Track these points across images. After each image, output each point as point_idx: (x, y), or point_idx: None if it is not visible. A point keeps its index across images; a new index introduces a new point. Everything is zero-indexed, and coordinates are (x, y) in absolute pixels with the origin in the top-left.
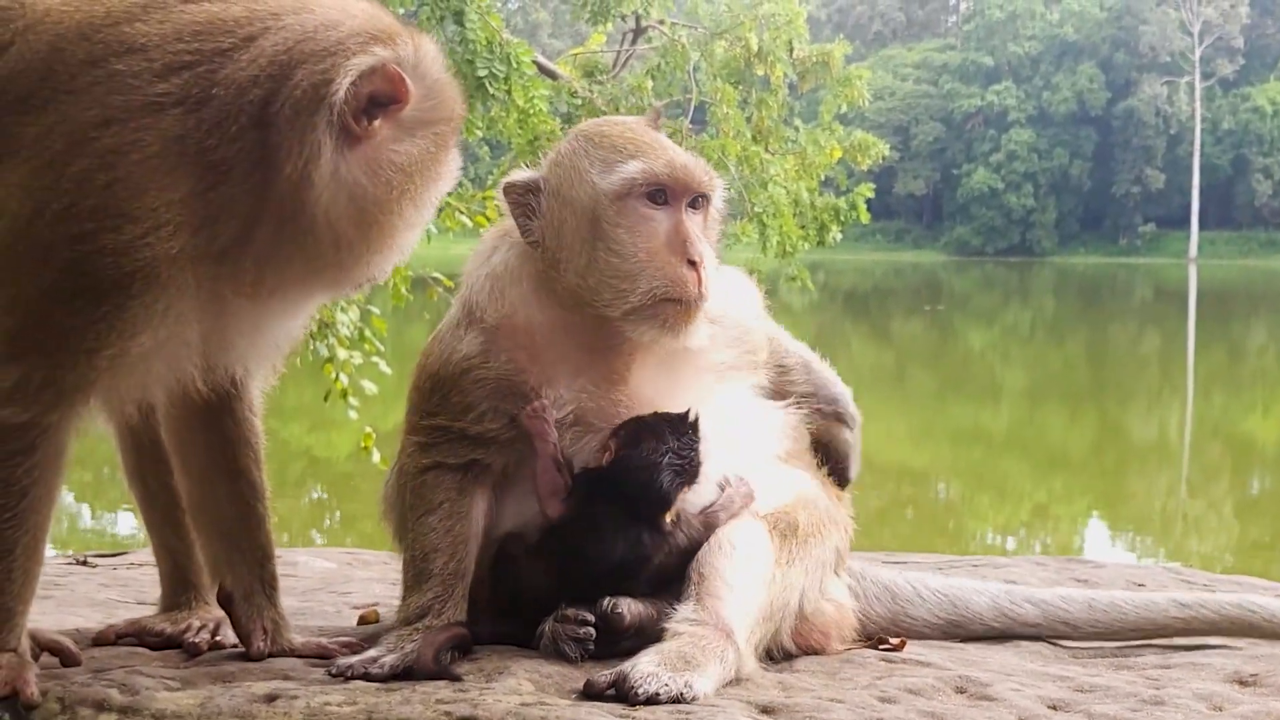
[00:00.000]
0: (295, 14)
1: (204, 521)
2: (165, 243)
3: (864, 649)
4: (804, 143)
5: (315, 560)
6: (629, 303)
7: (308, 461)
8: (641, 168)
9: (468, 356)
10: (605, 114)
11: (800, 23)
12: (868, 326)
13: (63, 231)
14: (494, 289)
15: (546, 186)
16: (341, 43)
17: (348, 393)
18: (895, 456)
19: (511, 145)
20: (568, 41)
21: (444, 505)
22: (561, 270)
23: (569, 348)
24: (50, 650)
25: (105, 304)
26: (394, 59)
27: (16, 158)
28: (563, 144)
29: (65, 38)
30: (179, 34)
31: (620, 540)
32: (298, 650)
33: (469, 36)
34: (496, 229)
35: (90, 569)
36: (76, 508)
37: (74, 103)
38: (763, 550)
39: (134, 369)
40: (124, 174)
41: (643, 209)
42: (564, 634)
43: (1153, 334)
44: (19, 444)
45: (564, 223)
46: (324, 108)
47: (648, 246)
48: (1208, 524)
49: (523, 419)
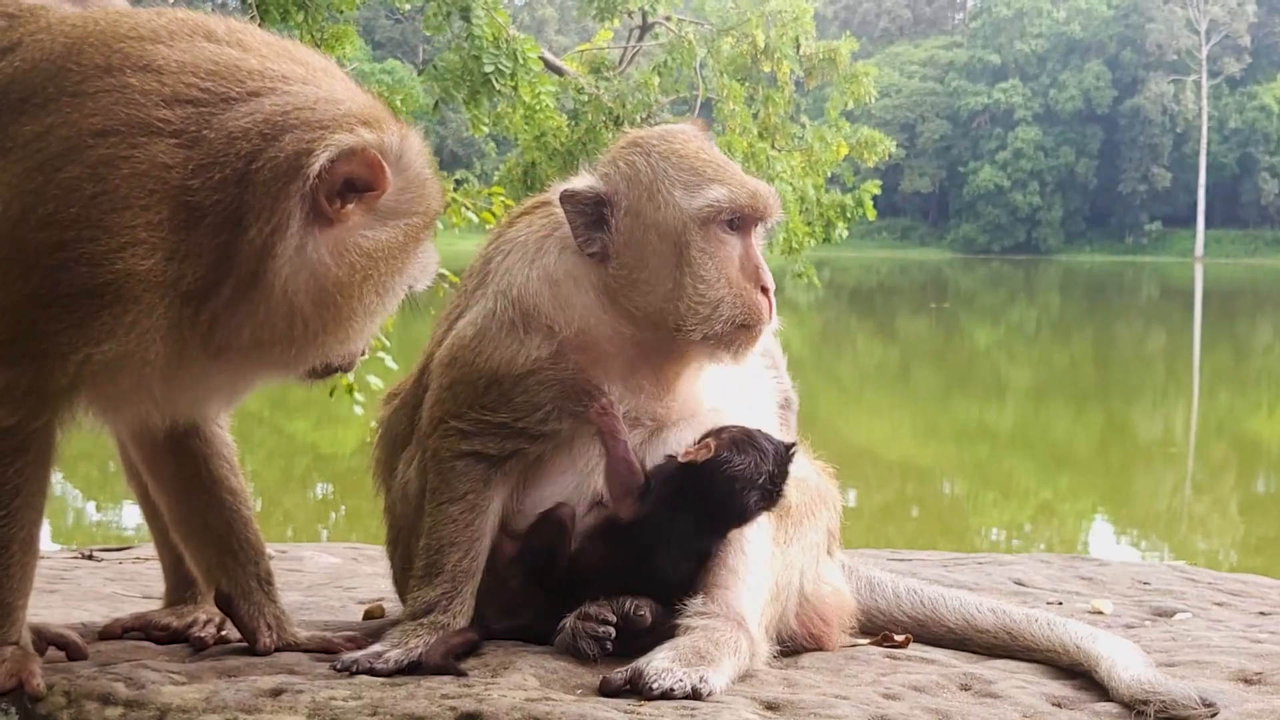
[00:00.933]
0: (302, 83)
1: (190, 533)
2: (137, 261)
3: (868, 645)
4: (810, 139)
5: (320, 555)
6: (712, 329)
7: (313, 457)
8: (728, 194)
9: (536, 360)
10: (612, 110)
11: (807, 19)
12: (873, 324)
13: (45, 237)
14: (556, 296)
15: (620, 203)
16: (334, 119)
17: (353, 388)
18: (900, 454)
19: (518, 141)
20: (574, 38)
21: (468, 496)
22: (641, 291)
23: (630, 355)
24: (56, 644)
25: (78, 310)
26: (377, 145)
27: (9, 157)
28: (629, 157)
29: (85, 41)
30: (195, 67)
31: (689, 547)
32: (303, 645)
33: (475, 32)
34: (532, 226)
35: (96, 563)
36: (82, 502)
37: (78, 107)
38: (761, 533)
39: (101, 378)
40: (111, 188)
41: (721, 234)
42: (584, 631)
43: (1158, 332)
44: (9, 445)
45: (645, 244)
46: (299, 178)
47: (728, 273)
48: (1212, 522)
49: (592, 416)
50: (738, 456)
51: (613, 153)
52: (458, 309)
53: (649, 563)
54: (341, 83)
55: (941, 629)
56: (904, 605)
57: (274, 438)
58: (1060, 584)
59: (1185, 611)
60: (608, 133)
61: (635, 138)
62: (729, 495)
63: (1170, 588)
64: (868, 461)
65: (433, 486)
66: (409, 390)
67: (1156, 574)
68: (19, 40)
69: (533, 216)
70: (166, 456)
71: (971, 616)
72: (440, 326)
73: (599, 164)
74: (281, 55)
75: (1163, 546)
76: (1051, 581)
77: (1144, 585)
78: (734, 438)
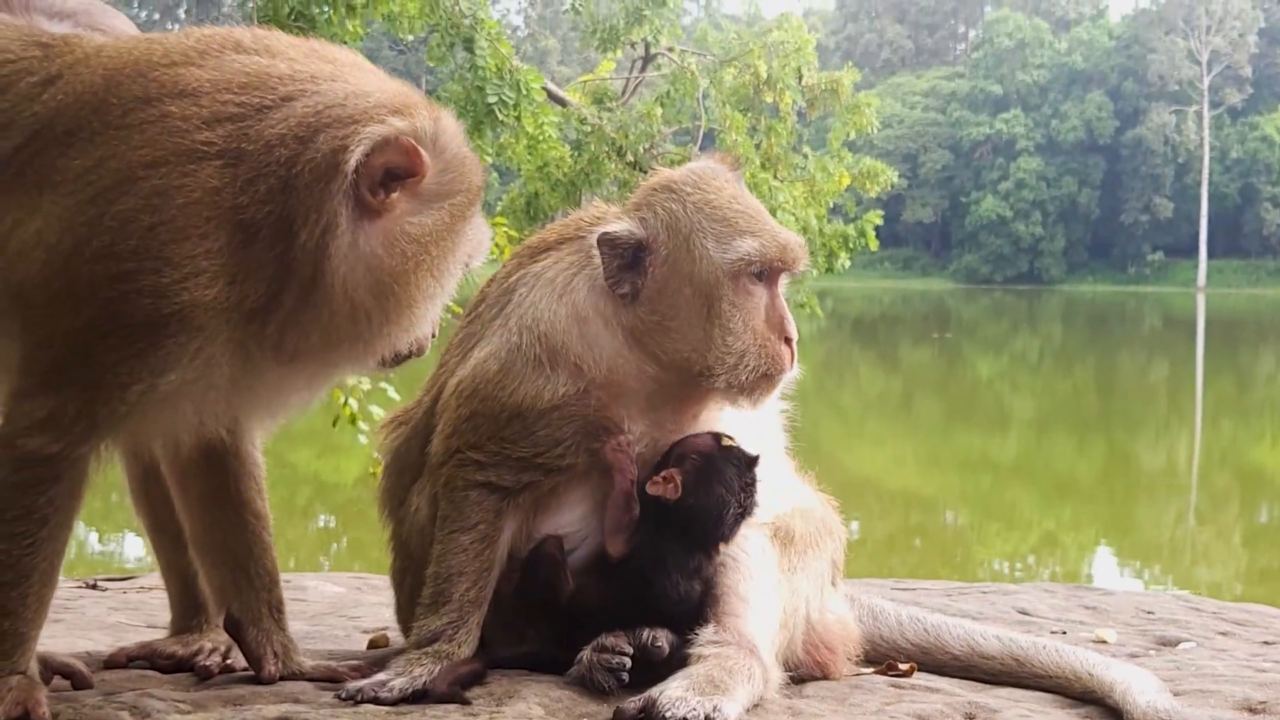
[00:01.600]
0: (330, 80)
1: (208, 551)
2: (201, 290)
3: (873, 674)
4: (813, 170)
5: (324, 585)
6: (736, 379)
7: (316, 487)
8: (758, 247)
9: (563, 396)
10: (615, 141)
11: (809, 50)
12: (876, 354)
13: (103, 270)
14: (585, 335)
15: (659, 251)
16: (365, 112)
17: (356, 418)
18: (903, 484)
19: (521, 171)
20: (577, 68)
21: (479, 526)
22: (671, 338)
23: (651, 393)
24: (62, 673)
25: (140, 340)
26: (410, 131)
27: (59, 190)
28: (667, 204)
29: (122, 73)
30: (229, 84)
31: (683, 572)
32: (308, 674)
33: (479, 64)
34: (560, 261)
35: (100, 593)
36: (85, 533)
37: (124, 139)
38: (768, 560)
39: (162, 406)
40: (168, 218)
41: (749, 285)
42: (600, 663)
43: (1161, 362)
44: (47, 473)
45: (679, 294)
46: (339, 175)
47: (754, 325)
48: (1216, 553)
49: (607, 451)
50: (706, 496)
51: (647, 195)
52: (473, 337)
53: (651, 589)
54: (371, 75)
55: (946, 656)
56: (907, 632)
57: (277, 467)
58: (1064, 613)
59: (1189, 641)
60: (610, 163)
61: (670, 182)
62: (706, 524)
63: (1174, 617)
64: (870, 492)
65: (444, 514)
66: (419, 420)
67: (1160, 603)
68: (58, 72)
69: (560, 251)
70: (198, 472)
71: (977, 643)
72: (452, 355)
73: (632, 206)
74: (309, 55)
75: (1167, 578)
76: (1055, 611)
77: (1148, 615)
78: (698, 469)
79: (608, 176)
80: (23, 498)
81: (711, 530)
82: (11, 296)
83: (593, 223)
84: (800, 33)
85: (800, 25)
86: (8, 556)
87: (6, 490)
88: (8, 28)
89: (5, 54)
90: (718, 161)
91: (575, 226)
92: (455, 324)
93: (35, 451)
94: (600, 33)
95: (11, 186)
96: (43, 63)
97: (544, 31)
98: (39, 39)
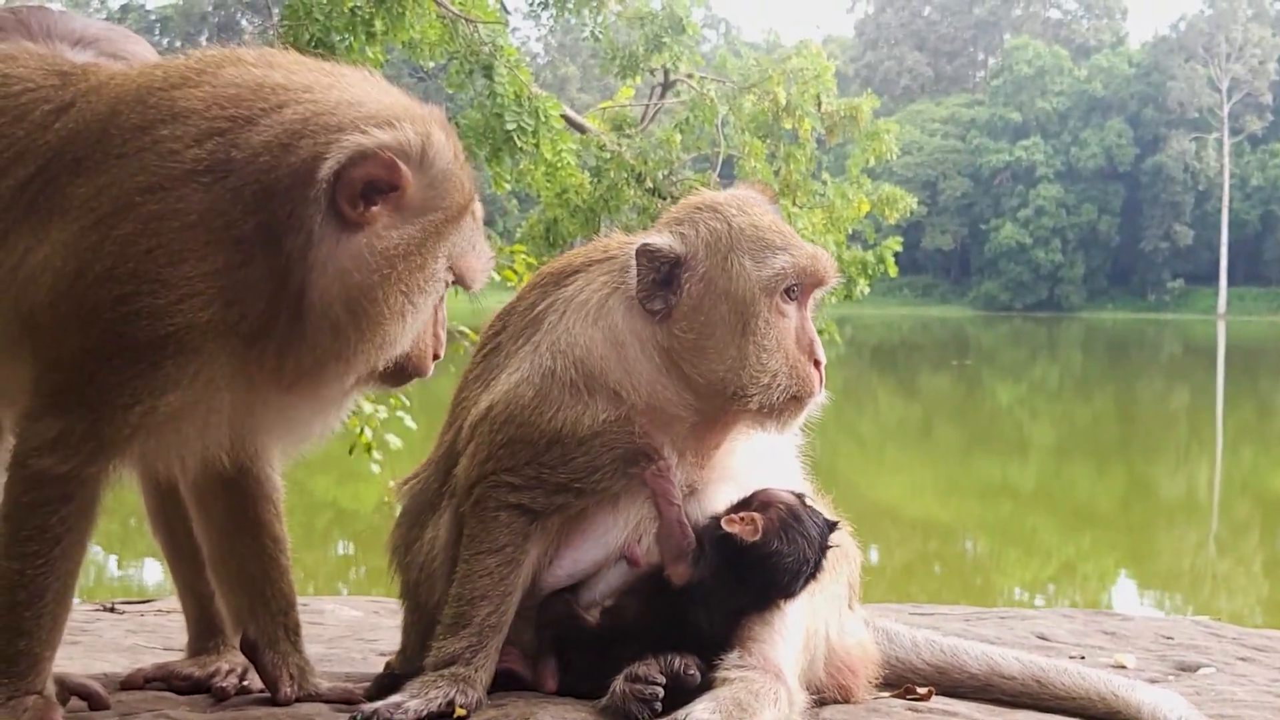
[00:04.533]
0: (326, 89)
1: (226, 573)
2: (198, 312)
3: (890, 698)
4: (832, 196)
5: (342, 609)
6: (770, 400)
7: (334, 514)
8: (791, 261)
9: (604, 422)
10: (634, 167)
11: (828, 77)
12: (895, 381)
13: (105, 293)
14: (623, 360)
15: (697, 268)
16: (351, 122)
17: (371, 446)
18: (922, 511)
19: (540, 198)
20: (596, 95)
21: (506, 549)
22: (707, 358)
23: (685, 419)
24: (79, 694)
25: (141, 362)
26: (393, 144)
27: (66, 217)
28: (710, 223)
29: (124, 100)
30: (220, 98)
31: (729, 607)
32: (324, 695)
33: (498, 90)
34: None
35: (117, 615)
36: (104, 558)
37: (124, 167)
38: None
39: (165, 427)
40: (165, 241)
41: (782, 304)
42: (633, 694)
43: (1181, 390)
44: (57, 493)
45: (715, 312)
46: (314, 184)
47: (786, 345)
48: (1237, 581)
49: (648, 478)
50: (785, 545)
51: (689, 213)
52: (496, 367)
53: (685, 619)
54: (373, 86)
55: (963, 675)
56: (923, 654)
57: (296, 494)
58: (1083, 638)
59: (1209, 666)
60: (629, 189)
61: (713, 202)
62: (775, 576)
63: (1194, 642)
64: (889, 519)
65: (471, 534)
66: (438, 458)
67: (1180, 629)
68: (71, 101)
69: (589, 273)
70: (218, 493)
71: (996, 663)
72: (472, 389)
73: (671, 222)
74: (311, 69)
75: (1187, 607)
76: (1074, 636)
77: (1167, 640)
78: (782, 519)
79: (626, 203)
80: (35, 517)
81: (781, 582)
82: (23, 322)
83: (620, 246)
84: (819, 60)
85: (819, 52)
86: (21, 576)
87: (19, 510)
88: (32, 56)
89: (27, 83)
90: (756, 190)
91: (602, 249)
92: (469, 350)
93: (45, 471)
94: (620, 60)
95: (26, 214)
96: (59, 91)
97: (564, 59)
98: (60, 67)
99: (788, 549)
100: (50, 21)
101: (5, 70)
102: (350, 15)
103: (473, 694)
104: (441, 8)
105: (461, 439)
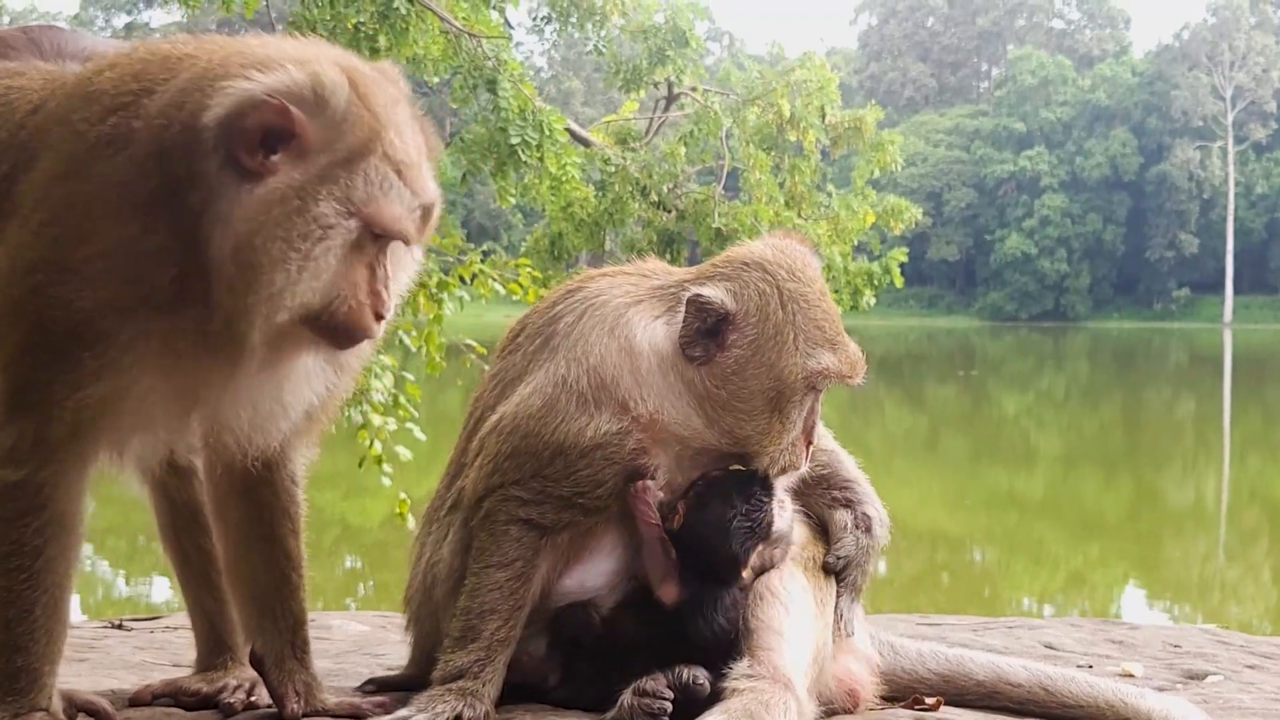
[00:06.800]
0: (225, 49)
1: (239, 585)
2: (99, 292)
3: (898, 709)
4: (837, 208)
5: (349, 624)
6: (775, 463)
7: (342, 529)
8: (835, 364)
9: (606, 434)
10: (639, 180)
11: (832, 89)
12: (901, 391)
13: (27, 285)
14: (636, 374)
15: (747, 331)
16: (239, 70)
17: (381, 459)
18: (930, 521)
19: (545, 212)
20: (600, 109)
21: (516, 563)
22: (736, 416)
23: (686, 443)
24: (86, 711)
25: (64, 356)
26: (280, 86)
27: (13, 215)
28: (761, 285)
29: (54, 97)
30: (130, 74)
31: (718, 609)
32: (331, 710)
33: (502, 105)
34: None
35: (125, 632)
36: (112, 575)
37: (46, 157)
38: (803, 595)
39: (103, 421)
40: (70, 226)
41: (810, 392)
42: (641, 708)
43: (1188, 399)
44: (25, 504)
45: (756, 379)
46: (204, 134)
47: (801, 427)
48: (1245, 589)
49: (628, 499)
50: (703, 512)
51: (737, 269)
52: (516, 372)
53: (684, 627)
54: (276, 42)
55: (970, 683)
56: (929, 663)
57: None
58: (1090, 647)
59: (1217, 674)
60: (634, 203)
61: (763, 261)
62: (714, 550)
63: (1202, 650)
64: (897, 529)
65: (481, 547)
66: (452, 461)
67: (1188, 637)
68: (41, 103)
69: (612, 279)
70: (236, 499)
71: (1002, 671)
72: (485, 401)
73: (718, 274)
74: (221, 41)
75: (1196, 616)
76: (1082, 645)
77: (1175, 648)
78: (698, 494)
79: (631, 216)
80: (11, 531)
81: (719, 549)
82: None
83: (648, 272)
84: (823, 71)
85: (823, 64)
86: (8, 593)
87: None
88: (39, 73)
89: (28, 94)
90: (799, 243)
91: (627, 261)
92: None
93: (5, 482)
94: (623, 73)
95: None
96: (39, 95)
97: (568, 73)
98: (47, 72)
99: (708, 515)
100: (61, 40)
101: (10, 84)
102: (354, 32)
103: (480, 708)
104: (445, 23)
105: (470, 451)
